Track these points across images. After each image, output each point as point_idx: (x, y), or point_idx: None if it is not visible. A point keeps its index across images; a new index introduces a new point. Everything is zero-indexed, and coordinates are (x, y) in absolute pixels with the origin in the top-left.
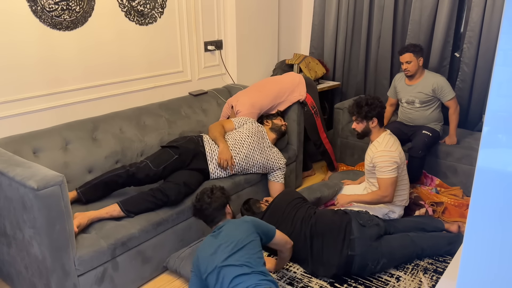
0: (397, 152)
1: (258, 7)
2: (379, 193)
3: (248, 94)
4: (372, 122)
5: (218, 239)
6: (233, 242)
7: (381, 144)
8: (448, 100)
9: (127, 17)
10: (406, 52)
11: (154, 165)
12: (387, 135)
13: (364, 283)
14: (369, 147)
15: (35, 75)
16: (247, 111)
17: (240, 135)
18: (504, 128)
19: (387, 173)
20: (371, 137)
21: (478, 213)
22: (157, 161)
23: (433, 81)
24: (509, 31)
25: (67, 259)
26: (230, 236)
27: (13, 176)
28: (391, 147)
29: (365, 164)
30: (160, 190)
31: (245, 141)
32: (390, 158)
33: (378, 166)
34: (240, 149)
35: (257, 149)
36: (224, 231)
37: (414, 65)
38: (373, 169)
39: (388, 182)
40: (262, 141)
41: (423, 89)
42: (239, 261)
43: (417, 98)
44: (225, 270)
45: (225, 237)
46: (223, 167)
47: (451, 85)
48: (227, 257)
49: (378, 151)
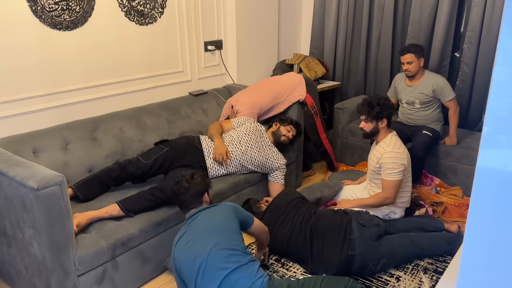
0: (404, 154)
1: (258, 7)
2: (381, 195)
3: (248, 94)
4: (381, 122)
5: (193, 229)
6: (213, 229)
7: (389, 145)
8: (448, 101)
9: (127, 17)
10: (407, 53)
11: (144, 158)
12: (394, 137)
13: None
14: (375, 148)
15: (35, 75)
16: (247, 111)
17: (237, 133)
18: (504, 128)
19: (393, 175)
20: (378, 137)
21: (478, 213)
22: (148, 154)
23: (433, 81)
24: (509, 31)
25: (67, 259)
26: (208, 224)
27: (13, 176)
28: (398, 148)
29: (370, 164)
30: (158, 188)
31: (242, 138)
32: (398, 160)
33: (385, 167)
34: (237, 146)
35: (255, 147)
36: (200, 219)
37: (415, 65)
38: (379, 170)
39: (392, 184)
40: (260, 139)
41: (423, 90)
42: (226, 246)
43: (417, 99)
44: (211, 259)
45: (203, 226)
46: (219, 162)
47: (451, 85)
48: (212, 247)
49: (386, 152)
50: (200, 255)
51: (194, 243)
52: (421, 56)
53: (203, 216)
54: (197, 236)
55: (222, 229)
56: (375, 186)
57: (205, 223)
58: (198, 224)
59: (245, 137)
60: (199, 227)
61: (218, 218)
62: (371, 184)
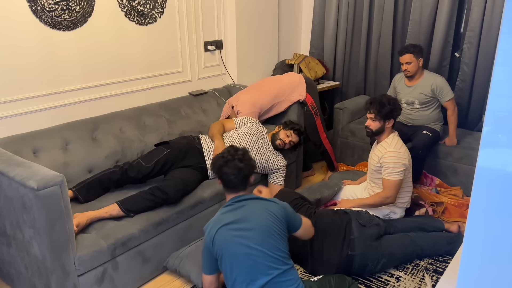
0: (405, 154)
1: (258, 7)
2: (382, 194)
3: (248, 93)
4: (389, 122)
5: (243, 219)
6: (261, 226)
7: (391, 145)
8: (447, 101)
9: (127, 17)
10: (406, 53)
11: (145, 161)
12: (395, 137)
13: (364, 283)
14: (376, 147)
15: (35, 75)
16: (248, 110)
17: (238, 134)
18: (504, 128)
19: (393, 175)
20: (381, 137)
21: (478, 213)
22: (148, 157)
23: (432, 81)
24: (509, 31)
25: (67, 259)
26: (256, 217)
27: (13, 176)
28: (400, 148)
29: (371, 164)
30: (158, 188)
31: (243, 140)
32: (399, 160)
33: (386, 166)
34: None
35: (255, 149)
36: (252, 212)
37: (414, 65)
38: (379, 169)
39: (393, 184)
40: (261, 141)
41: (423, 90)
42: (271, 250)
43: (416, 99)
44: (256, 255)
45: (255, 222)
46: None
47: (451, 86)
48: (259, 243)
49: (388, 151)
50: (249, 250)
51: (245, 237)
52: (420, 56)
53: (254, 208)
54: (248, 229)
55: (272, 232)
56: (375, 186)
57: (257, 219)
58: (249, 217)
59: (246, 139)
60: (251, 220)
61: (270, 218)
62: (371, 183)
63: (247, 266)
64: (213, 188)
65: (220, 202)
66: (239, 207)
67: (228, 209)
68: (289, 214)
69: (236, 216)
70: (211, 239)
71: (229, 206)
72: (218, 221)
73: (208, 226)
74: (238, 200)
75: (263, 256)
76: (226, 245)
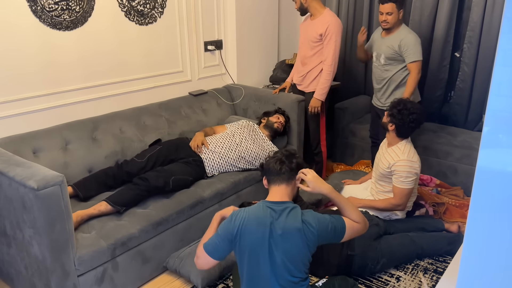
0: (418, 162)
1: (258, 7)
2: (392, 201)
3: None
4: (400, 12)
5: (277, 231)
6: (291, 255)
7: (404, 153)
8: (410, 62)
9: (127, 17)
10: (388, 2)
11: (138, 158)
12: (408, 144)
13: (364, 283)
14: (387, 152)
15: (35, 75)
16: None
17: (230, 129)
18: (504, 128)
19: (406, 184)
20: (390, 140)
21: (478, 213)
22: (142, 154)
23: (402, 37)
24: (509, 31)
25: (67, 259)
26: (290, 246)
27: (13, 176)
28: (413, 157)
29: (379, 167)
30: (139, 177)
31: (236, 132)
32: (412, 169)
33: (398, 174)
34: (231, 139)
35: (249, 139)
36: (287, 233)
37: (394, 17)
38: (389, 175)
39: (404, 192)
40: (253, 133)
41: (391, 44)
42: (291, 270)
43: (383, 53)
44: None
45: (284, 244)
46: (197, 151)
47: (450, 86)
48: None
49: (401, 159)
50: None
51: (272, 251)
52: (401, 7)
53: (290, 226)
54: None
55: (297, 259)
56: (380, 188)
57: (288, 243)
58: (284, 238)
59: (238, 131)
60: (286, 240)
61: (303, 248)
62: (376, 185)
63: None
64: (213, 188)
65: (220, 202)
66: (279, 217)
67: (266, 207)
68: (328, 235)
69: (272, 216)
70: (235, 227)
71: (274, 208)
72: (256, 219)
73: (239, 215)
74: (281, 203)
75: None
76: (254, 251)
